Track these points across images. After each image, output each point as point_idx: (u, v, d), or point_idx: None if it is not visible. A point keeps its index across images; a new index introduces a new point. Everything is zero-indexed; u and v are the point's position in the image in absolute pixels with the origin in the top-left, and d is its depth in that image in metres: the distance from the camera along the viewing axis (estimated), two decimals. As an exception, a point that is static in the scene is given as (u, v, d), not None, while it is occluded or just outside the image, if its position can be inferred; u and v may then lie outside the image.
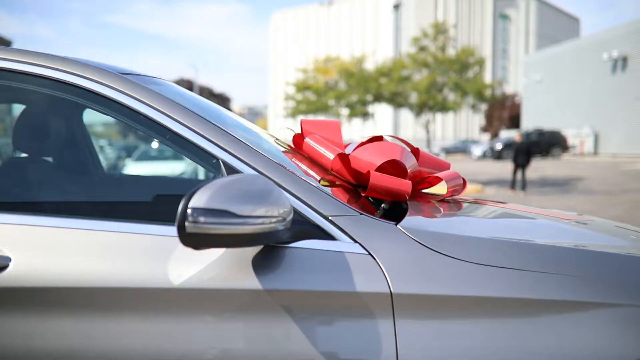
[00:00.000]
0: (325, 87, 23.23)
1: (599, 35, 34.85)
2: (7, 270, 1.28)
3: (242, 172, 1.37)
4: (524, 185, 13.98)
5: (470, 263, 1.31)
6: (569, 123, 35.52)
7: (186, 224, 1.11)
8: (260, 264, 1.28)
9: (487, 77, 53.11)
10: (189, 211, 1.11)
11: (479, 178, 17.83)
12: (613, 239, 1.79)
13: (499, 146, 31.14)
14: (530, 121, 41.14)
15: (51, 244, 1.32)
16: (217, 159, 1.40)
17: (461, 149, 43.99)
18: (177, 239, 1.29)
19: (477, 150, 34.75)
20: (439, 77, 19.16)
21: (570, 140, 33.91)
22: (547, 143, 31.78)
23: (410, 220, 1.44)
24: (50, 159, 2.06)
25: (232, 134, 1.44)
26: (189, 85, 53.27)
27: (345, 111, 23.57)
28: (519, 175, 14.16)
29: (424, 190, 1.95)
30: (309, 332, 1.26)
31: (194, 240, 1.12)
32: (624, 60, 31.46)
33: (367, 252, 1.31)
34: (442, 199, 1.89)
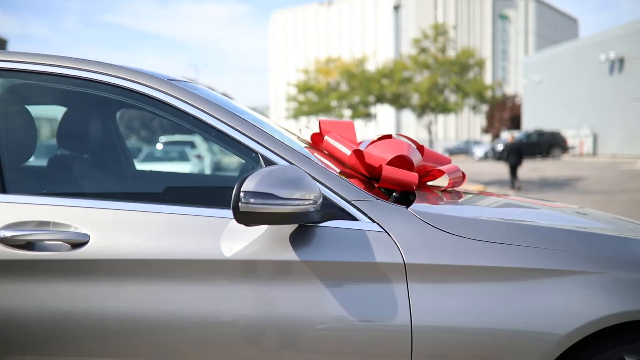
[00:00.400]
0: (327, 88, 23.35)
1: (597, 36, 35.06)
2: (87, 245, 1.54)
3: (277, 164, 1.64)
4: (517, 183, 14.36)
5: (468, 239, 1.58)
6: (569, 124, 35.72)
7: (240, 204, 1.38)
8: (296, 240, 1.55)
9: (488, 78, 53.18)
10: (241, 194, 1.38)
11: (481, 178, 18.07)
12: (598, 224, 2.04)
13: (500, 147, 31.36)
14: (530, 122, 41.36)
15: (122, 224, 1.59)
16: (256, 152, 1.67)
17: (463, 149, 44.28)
18: (226, 220, 1.56)
19: (478, 151, 35.00)
20: (439, 78, 19.39)
21: (570, 141, 34.09)
22: (547, 144, 31.98)
23: (419, 205, 1.71)
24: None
25: (266, 131, 1.71)
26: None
27: (347, 112, 23.69)
28: (515, 174, 14.57)
29: (428, 183, 2.22)
30: (337, 295, 1.52)
31: (246, 217, 1.40)
32: (621, 61, 31.66)
33: (383, 230, 1.58)
34: (444, 190, 2.16)
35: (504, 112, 52.20)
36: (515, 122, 50.21)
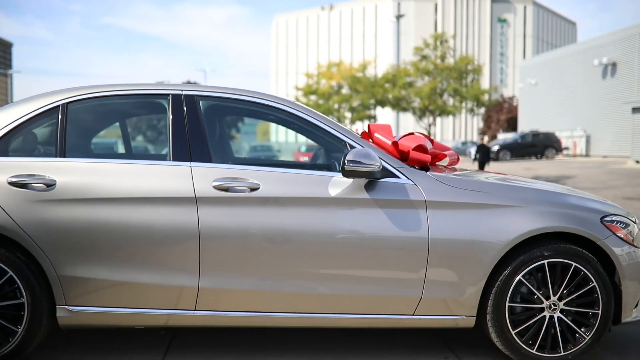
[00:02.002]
0: (330, 91, 24.40)
1: (591, 41, 36.31)
2: (259, 189, 2.89)
3: (356, 147, 2.98)
4: None
5: (458, 188, 2.95)
6: (563, 125, 36.85)
7: (345, 166, 2.76)
8: (367, 188, 2.90)
9: (486, 81, 53.98)
10: (346, 161, 2.76)
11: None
12: (555, 188, 3.32)
13: (495, 148, 32.59)
14: (527, 123, 42.49)
15: (276, 178, 2.93)
16: (345, 142, 3.03)
17: (461, 150, 45.48)
18: (331, 178, 2.91)
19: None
20: (439, 83, 20.58)
21: (564, 142, 35.12)
22: (542, 144, 33.06)
23: (432, 172, 3.06)
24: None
25: (348, 128, 3.06)
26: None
27: (349, 114, 24.76)
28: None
29: (436, 163, 3.57)
30: (390, 217, 2.87)
31: (347, 173, 2.80)
32: (614, 66, 32.92)
33: (414, 183, 2.94)
34: (446, 166, 3.52)
35: (500, 114, 53.37)
36: (511, 124, 51.30)
